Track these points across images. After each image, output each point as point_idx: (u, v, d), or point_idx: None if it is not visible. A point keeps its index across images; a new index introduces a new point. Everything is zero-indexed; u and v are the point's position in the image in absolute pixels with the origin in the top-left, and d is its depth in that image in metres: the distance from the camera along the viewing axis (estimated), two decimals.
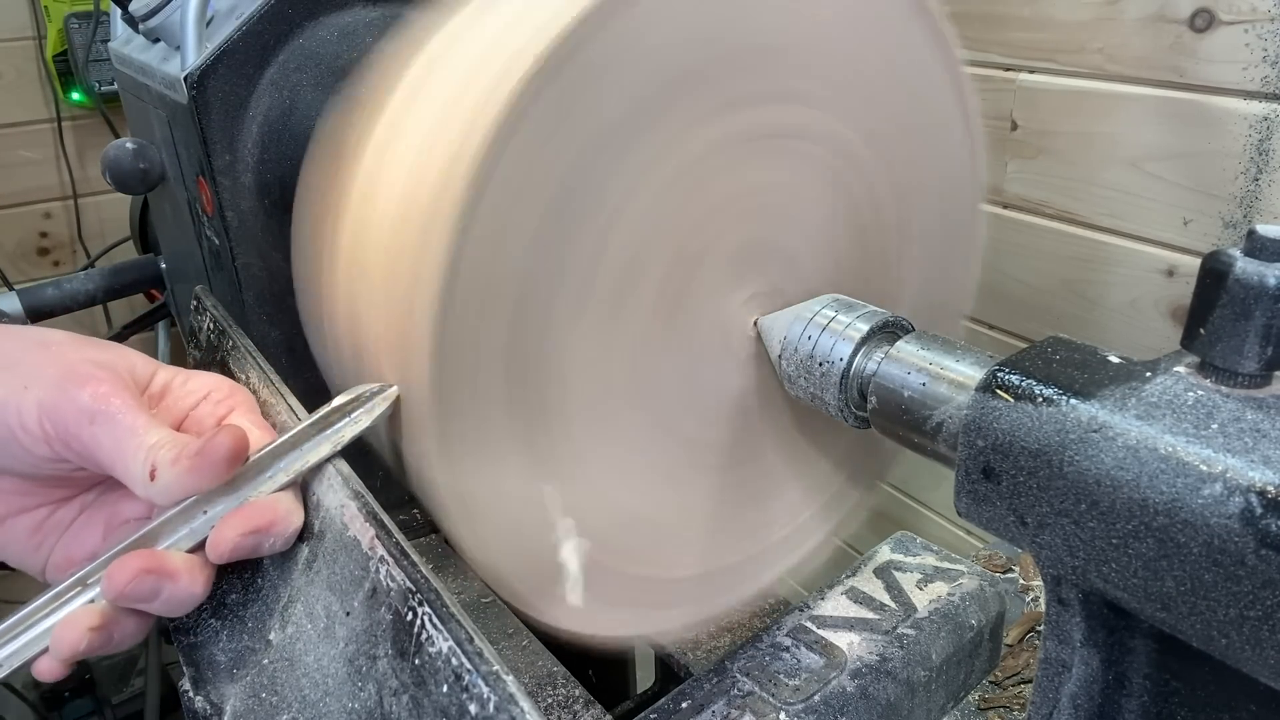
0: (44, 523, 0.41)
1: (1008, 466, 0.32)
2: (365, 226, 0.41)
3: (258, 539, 0.37)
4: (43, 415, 0.37)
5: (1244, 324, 0.29)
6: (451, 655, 0.32)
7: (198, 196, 0.67)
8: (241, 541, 0.37)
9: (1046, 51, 0.84)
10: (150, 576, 0.36)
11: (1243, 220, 0.73)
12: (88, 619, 0.36)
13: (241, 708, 0.38)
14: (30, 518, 0.41)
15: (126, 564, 0.36)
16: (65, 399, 0.37)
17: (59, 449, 0.37)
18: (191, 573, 0.37)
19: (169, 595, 0.36)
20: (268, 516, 0.38)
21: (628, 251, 0.41)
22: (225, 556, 0.37)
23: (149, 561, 0.36)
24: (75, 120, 1.48)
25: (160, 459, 0.36)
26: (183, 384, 0.42)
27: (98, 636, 0.36)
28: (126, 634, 0.37)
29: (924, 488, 1.10)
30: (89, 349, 0.40)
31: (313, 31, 0.63)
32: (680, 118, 0.40)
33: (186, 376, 0.43)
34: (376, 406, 0.39)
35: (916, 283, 0.53)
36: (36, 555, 0.41)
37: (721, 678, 0.48)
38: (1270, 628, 0.26)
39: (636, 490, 0.46)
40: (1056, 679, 0.35)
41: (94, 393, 0.37)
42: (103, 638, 0.36)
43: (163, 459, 0.36)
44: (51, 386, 0.37)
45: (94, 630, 0.36)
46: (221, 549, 0.37)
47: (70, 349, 0.39)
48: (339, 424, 0.40)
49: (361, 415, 0.40)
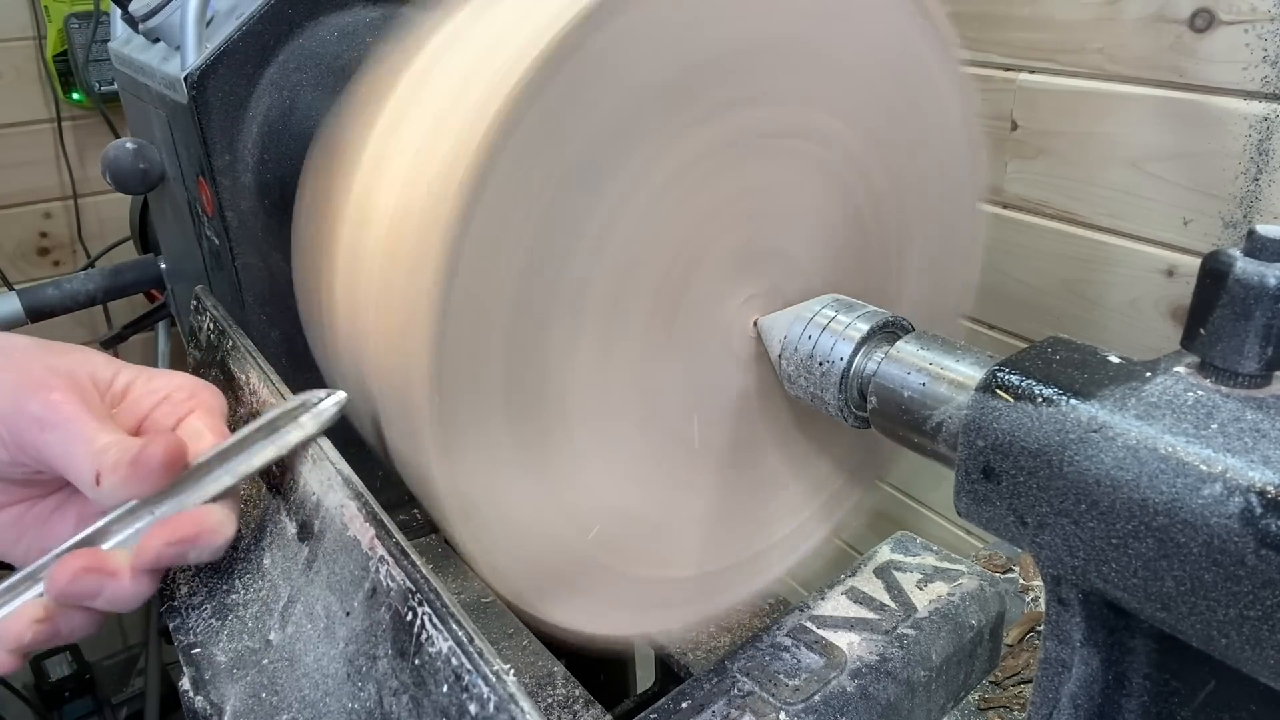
0: (23, 517, 0.43)
1: (1008, 466, 0.32)
2: (364, 228, 0.41)
3: (182, 549, 0.38)
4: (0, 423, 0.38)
5: (1244, 324, 0.29)
6: (451, 655, 0.32)
7: (198, 196, 0.67)
8: (165, 550, 0.38)
9: (1046, 51, 0.84)
10: (91, 575, 0.37)
11: (1243, 220, 0.73)
12: (33, 612, 0.37)
13: (241, 708, 0.38)
14: (9, 513, 0.42)
15: (68, 563, 0.37)
16: (17, 408, 0.38)
17: (15, 454, 0.39)
18: (134, 572, 0.38)
19: (111, 593, 0.38)
20: (193, 529, 0.38)
21: (626, 252, 0.41)
22: (149, 564, 0.38)
23: (90, 561, 0.37)
24: (75, 120, 1.48)
25: (104, 464, 0.37)
26: (145, 384, 0.43)
27: (43, 629, 0.37)
28: (74, 627, 0.39)
29: (924, 488, 1.10)
30: (49, 355, 0.41)
31: (313, 31, 0.63)
32: (677, 119, 0.40)
33: (150, 377, 0.43)
34: (325, 411, 0.40)
35: (915, 282, 0.53)
36: (18, 547, 0.42)
37: (721, 678, 0.48)
38: (1270, 628, 0.26)
39: (637, 490, 0.46)
40: (1056, 679, 0.35)
41: (45, 400, 0.38)
42: (48, 630, 0.38)
43: (105, 464, 0.37)
44: (7, 395, 0.38)
45: (39, 623, 0.37)
46: (145, 557, 0.38)
47: (30, 356, 0.40)
48: (285, 428, 0.41)
49: (308, 420, 0.40)
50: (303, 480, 0.42)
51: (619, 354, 0.43)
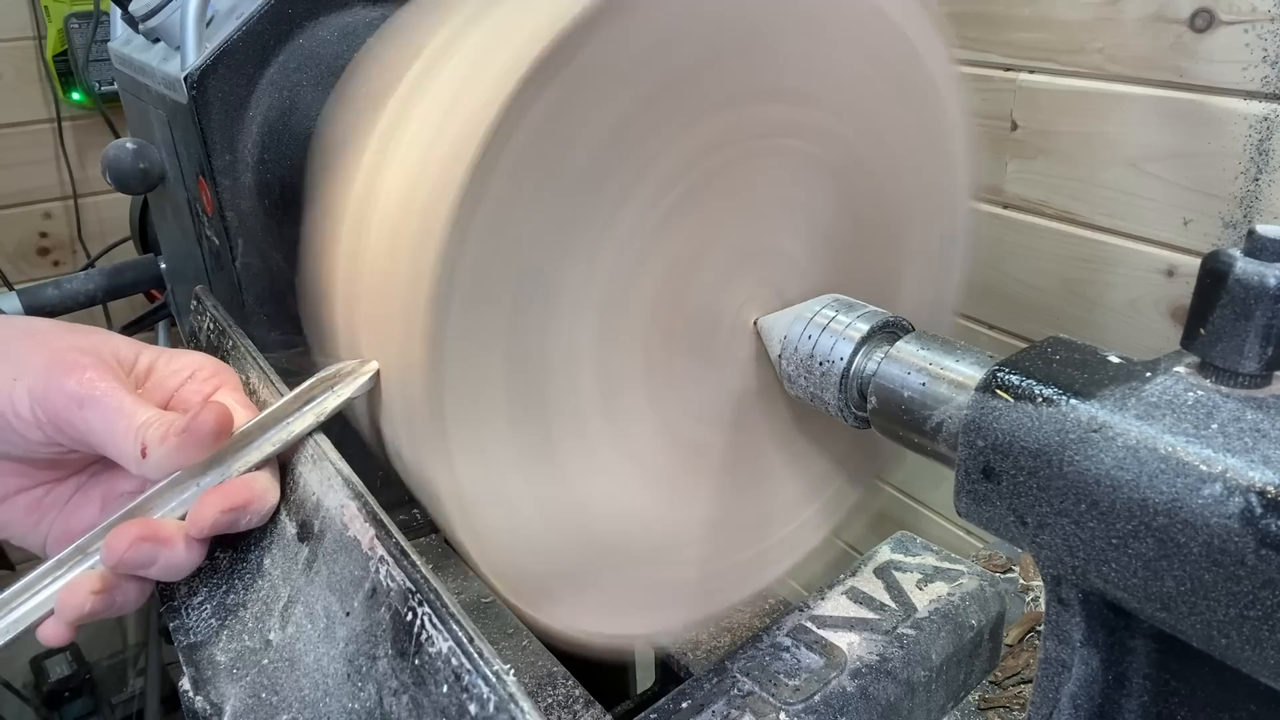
0: (42, 500, 0.43)
1: (1008, 466, 0.32)
2: (364, 228, 0.41)
3: (235, 515, 0.39)
4: (34, 403, 0.38)
5: (1244, 324, 0.29)
6: (451, 655, 0.32)
7: (198, 196, 0.67)
8: (220, 518, 0.38)
9: (1046, 51, 0.84)
10: (147, 544, 0.37)
11: (1243, 220, 0.73)
12: (89, 583, 0.38)
13: (241, 708, 0.38)
14: (28, 496, 0.43)
15: (124, 532, 0.37)
16: (54, 387, 0.38)
17: (52, 434, 0.39)
18: (186, 539, 0.38)
19: (165, 561, 0.38)
20: (245, 495, 0.39)
21: (627, 252, 0.41)
22: (205, 531, 0.38)
23: (145, 530, 0.37)
24: (75, 120, 1.48)
25: (149, 437, 0.38)
26: (167, 363, 0.44)
27: (100, 600, 0.37)
28: (128, 598, 0.39)
29: (924, 488, 1.10)
30: (73, 335, 0.41)
31: (313, 31, 0.63)
32: (676, 118, 0.40)
33: (171, 356, 0.44)
34: (359, 377, 0.40)
35: (911, 280, 0.53)
36: (36, 531, 0.42)
37: (721, 678, 0.48)
38: (1270, 628, 0.26)
39: (637, 491, 0.46)
40: (1056, 679, 0.35)
41: (80, 379, 0.39)
42: (105, 601, 0.38)
43: (152, 437, 0.37)
44: (40, 375, 0.38)
45: (96, 594, 0.37)
46: (201, 524, 0.38)
47: (56, 337, 0.41)
48: (321, 396, 0.41)
49: (343, 387, 0.41)
50: (303, 480, 0.42)
51: (619, 354, 0.43)
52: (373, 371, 0.40)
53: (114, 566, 0.37)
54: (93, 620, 0.38)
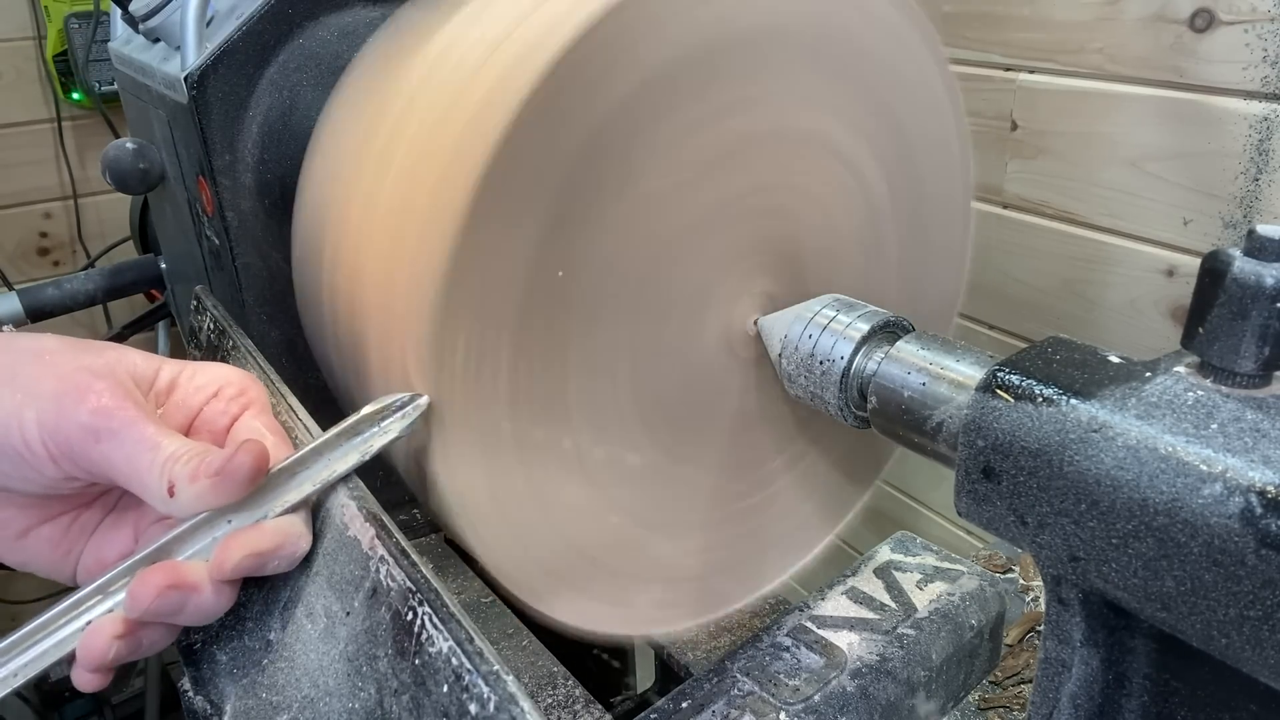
0: (68, 530, 0.39)
1: (1008, 466, 0.32)
2: (365, 228, 0.41)
3: (262, 560, 0.36)
4: (44, 436, 0.35)
5: (1241, 324, 0.29)
6: (451, 655, 0.32)
7: (198, 196, 0.67)
8: (245, 562, 0.36)
9: (1046, 51, 0.84)
10: (175, 592, 0.35)
11: (1243, 220, 0.73)
12: (112, 628, 0.35)
13: (241, 708, 0.38)
14: (53, 526, 0.39)
15: (149, 580, 0.34)
16: (65, 418, 0.35)
17: (68, 468, 0.36)
18: (216, 584, 0.36)
19: (194, 608, 0.35)
20: (276, 540, 0.36)
21: (628, 252, 0.41)
22: (228, 575, 0.36)
23: (172, 577, 0.35)
24: (75, 120, 1.48)
25: (178, 475, 0.34)
26: (190, 379, 0.40)
27: (125, 645, 0.35)
28: (155, 640, 0.36)
29: (924, 488, 1.10)
30: (86, 355, 0.37)
31: (313, 31, 0.63)
32: (678, 119, 0.40)
33: (194, 371, 0.41)
34: (409, 415, 0.38)
35: (911, 280, 0.53)
36: (65, 561, 0.39)
37: (721, 678, 0.48)
38: (1270, 628, 0.26)
39: (637, 489, 0.46)
40: (1056, 679, 0.35)
41: (94, 408, 0.35)
42: (130, 645, 0.35)
43: (180, 475, 0.34)
44: (49, 404, 0.35)
45: (119, 639, 0.35)
46: (225, 568, 0.35)
47: (66, 358, 0.37)
48: (367, 432, 0.38)
49: (392, 424, 0.38)
50: None
51: (621, 353, 0.43)
52: (424, 408, 0.38)
53: (141, 616, 0.35)
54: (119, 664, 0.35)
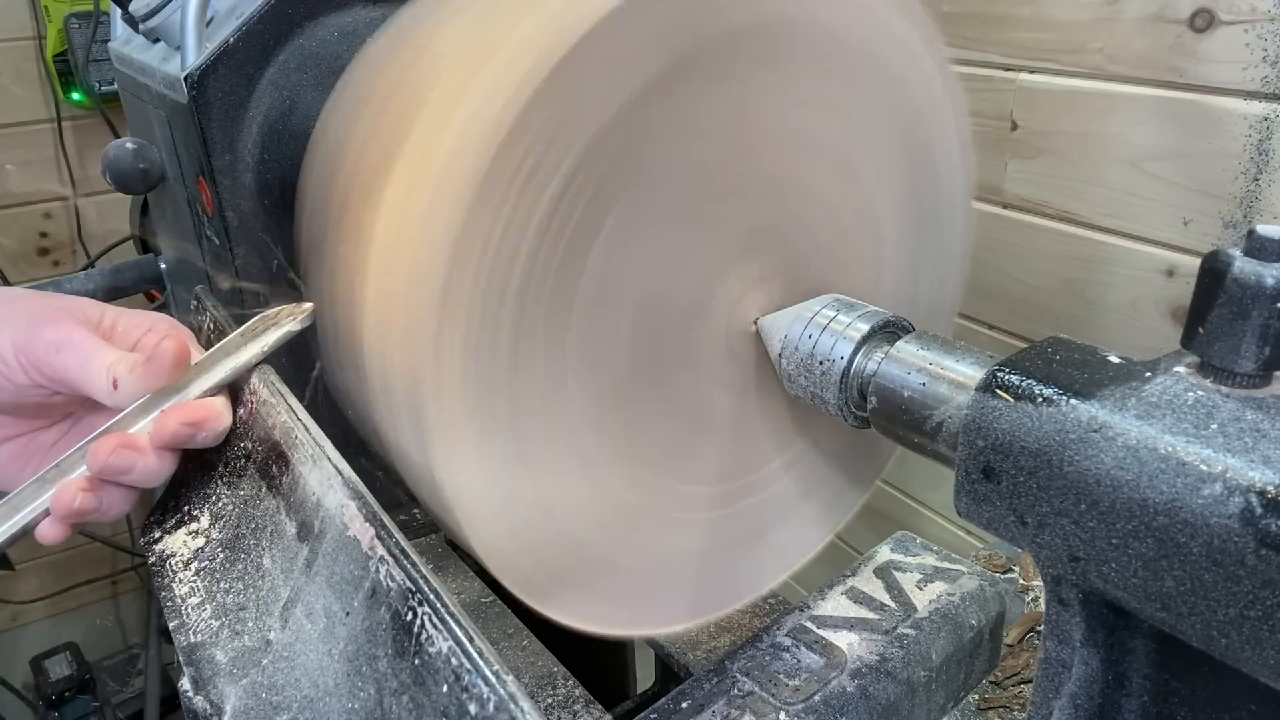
0: (26, 447, 0.49)
1: (1008, 466, 0.32)
2: (366, 227, 0.41)
3: (193, 430, 0.45)
4: (17, 351, 0.45)
5: (1241, 324, 0.29)
6: (451, 655, 0.32)
7: (198, 196, 0.67)
8: (180, 430, 0.44)
9: (1046, 51, 0.84)
10: (126, 450, 0.43)
11: (1243, 220, 0.73)
12: (78, 483, 0.44)
13: (241, 708, 0.38)
14: (14, 444, 0.49)
15: (105, 441, 0.43)
16: (35, 336, 0.45)
17: (34, 376, 0.45)
18: (158, 450, 0.45)
19: (142, 468, 0.44)
20: (202, 413, 0.46)
21: (629, 252, 0.41)
22: (166, 441, 0.44)
23: (123, 439, 0.44)
24: (75, 120, 1.48)
25: (119, 371, 0.44)
26: (129, 320, 0.49)
27: (90, 497, 0.43)
28: (113, 501, 0.45)
29: (924, 488, 1.10)
30: (46, 298, 0.48)
31: (313, 31, 0.63)
32: (678, 113, 0.40)
33: (132, 314, 0.50)
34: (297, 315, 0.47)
35: (911, 280, 0.53)
36: (22, 476, 0.47)
37: (721, 678, 0.48)
38: (1270, 628, 0.26)
39: (637, 488, 0.46)
40: (1056, 679, 0.35)
41: (56, 329, 0.45)
42: (94, 499, 0.44)
43: (121, 370, 0.44)
44: (22, 329, 0.45)
45: (85, 491, 0.43)
46: (163, 435, 0.44)
47: (33, 300, 0.48)
48: (265, 332, 0.48)
49: (284, 322, 0.47)
50: (303, 480, 0.42)
51: (623, 354, 0.43)
52: (309, 310, 0.47)
53: (99, 472, 0.43)
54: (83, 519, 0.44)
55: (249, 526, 0.45)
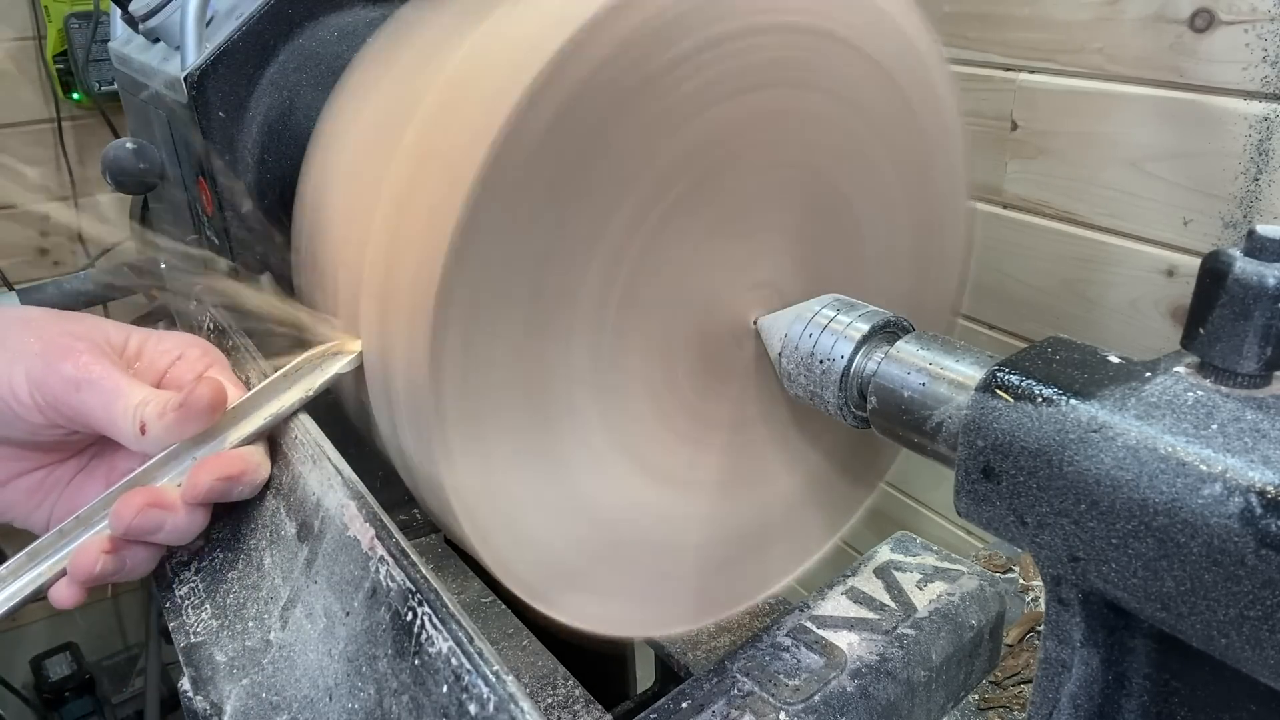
0: (44, 482, 0.44)
1: (1008, 466, 0.32)
2: (367, 227, 0.41)
3: (229, 485, 0.41)
4: (32, 388, 0.40)
5: (1243, 324, 0.29)
6: (451, 655, 0.32)
7: (198, 196, 0.67)
8: (215, 485, 0.40)
9: (1046, 51, 0.84)
10: (154, 510, 0.39)
11: (1243, 220, 0.73)
12: (100, 544, 0.39)
13: (241, 708, 0.38)
14: (30, 479, 0.44)
15: (131, 500, 0.39)
16: (50, 371, 0.40)
17: (52, 416, 0.41)
18: (190, 506, 0.40)
19: (171, 527, 0.40)
20: (238, 465, 0.41)
21: (630, 253, 0.41)
22: (199, 497, 0.40)
23: (151, 496, 0.39)
24: (75, 120, 1.48)
25: (147, 414, 0.39)
26: (157, 344, 0.45)
27: (111, 560, 0.39)
28: (138, 562, 0.41)
29: (924, 488, 1.10)
30: (66, 322, 0.43)
31: (313, 31, 0.63)
32: (679, 104, 0.40)
33: (160, 338, 0.46)
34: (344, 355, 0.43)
35: (911, 280, 0.53)
36: (38, 513, 0.44)
37: (721, 678, 0.48)
38: (1270, 628, 0.26)
39: (637, 487, 0.46)
40: (1056, 679, 0.35)
41: (75, 363, 0.41)
42: (116, 561, 0.40)
43: (150, 415, 0.39)
44: (37, 361, 0.40)
45: (107, 553, 0.39)
46: (196, 491, 0.40)
47: (50, 324, 0.43)
48: (309, 373, 0.43)
49: (329, 365, 0.43)
50: (303, 480, 0.42)
51: (623, 354, 0.43)
52: (357, 350, 0.42)
53: (124, 533, 0.39)
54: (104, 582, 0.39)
55: (249, 527, 0.45)
